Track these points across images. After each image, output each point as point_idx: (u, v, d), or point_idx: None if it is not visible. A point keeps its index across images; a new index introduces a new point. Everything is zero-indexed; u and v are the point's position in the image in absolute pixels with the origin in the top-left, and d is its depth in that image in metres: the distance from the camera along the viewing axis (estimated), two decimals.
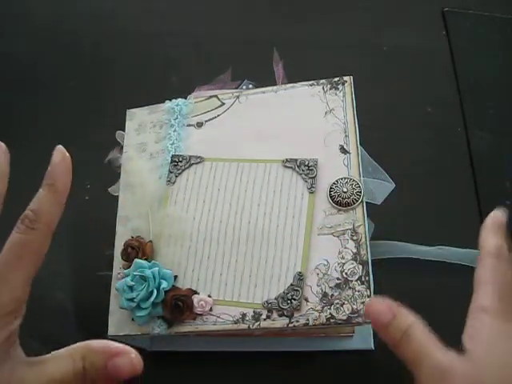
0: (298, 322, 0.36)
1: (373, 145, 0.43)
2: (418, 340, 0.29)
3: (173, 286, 0.38)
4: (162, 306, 0.38)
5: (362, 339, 0.45)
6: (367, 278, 0.35)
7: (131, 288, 0.38)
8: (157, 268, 0.38)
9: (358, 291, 0.35)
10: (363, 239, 0.37)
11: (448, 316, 0.47)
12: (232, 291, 0.38)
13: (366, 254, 0.36)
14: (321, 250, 0.37)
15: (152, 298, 0.37)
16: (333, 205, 0.38)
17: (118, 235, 0.42)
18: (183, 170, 0.43)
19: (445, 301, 0.47)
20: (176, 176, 0.43)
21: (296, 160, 0.41)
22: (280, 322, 0.36)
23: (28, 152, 0.58)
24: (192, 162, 0.43)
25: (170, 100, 0.46)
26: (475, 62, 0.61)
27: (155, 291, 0.37)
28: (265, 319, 0.36)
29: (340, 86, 0.42)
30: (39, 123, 0.60)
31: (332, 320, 0.35)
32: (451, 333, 0.30)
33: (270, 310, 0.36)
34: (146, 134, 0.46)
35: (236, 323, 0.37)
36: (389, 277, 0.46)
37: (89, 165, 0.54)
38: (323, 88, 0.43)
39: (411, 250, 0.50)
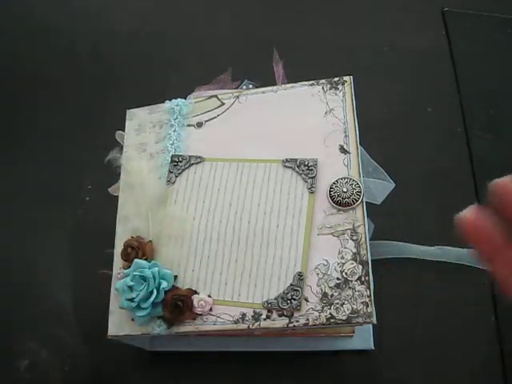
0: (297, 321, 0.35)
1: (373, 145, 0.43)
2: None
3: (173, 285, 0.38)
4: (161, 306, 0.38)
5: (362, 339, 0.45)
6: (367, 278, 0.35)
7: (131, 288, 0.38)
8: (157, 268, 0.38)
9: (358, 291, 0.35)
10: (363, 239, 0.37)
11: (448, 315, 0.47)
12: (232, 291, 0.38)
13: (365, 254, 0.36)
14: (321, 250, 0.37)
15: (152, 298, 0.37)
16: (333, 205, 0.38)
17: (118, 235, 0.42)
18: (183, 170, 0.43)
19: (445, 300, 0.47)
20: (176, 176, 0.43)
21: (296, 160, 0.41)
22: (280, 322, 0.36)
23: (28, 152, 0.58)
24: (192, 162, 0.43)
25: (170, 100, 0.46)
26: (475, 62, 0.61)
27: (155, 291, 0.37)
28: (265, 319, 0.36)
29: (340, 86, 0.42)
30: (39, 123, 0.60)
31: (332, 320, 0.35)
32: (451, 332, 0.30)
33: (269, 310, 0.36)
34: (145, 134, 0.45)
35: (236, 323, 0.37)
36: (389, 277, 0.46)
37: (89, 165, 0.54)
38: (323, 88, 0.43)
39: (411, 250, 0.50)
